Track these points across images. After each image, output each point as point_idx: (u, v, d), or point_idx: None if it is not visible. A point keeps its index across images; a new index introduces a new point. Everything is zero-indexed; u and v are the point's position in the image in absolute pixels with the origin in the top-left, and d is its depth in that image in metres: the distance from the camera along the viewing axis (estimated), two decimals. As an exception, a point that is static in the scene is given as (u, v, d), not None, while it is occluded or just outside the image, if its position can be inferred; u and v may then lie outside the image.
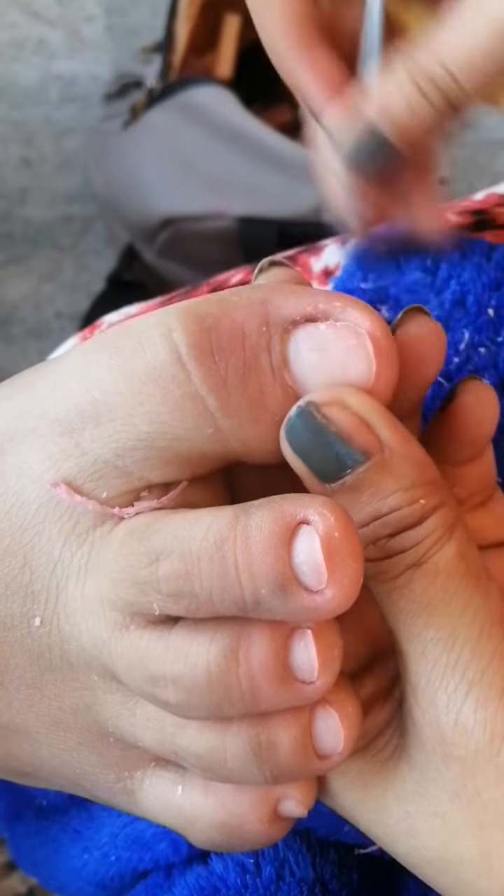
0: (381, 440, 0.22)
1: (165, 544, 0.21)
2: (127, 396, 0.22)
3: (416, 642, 0.22)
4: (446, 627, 0.22)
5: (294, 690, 0.21)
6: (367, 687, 0.25)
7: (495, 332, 0.33)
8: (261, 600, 0.20)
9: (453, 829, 0.22)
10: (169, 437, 0.22)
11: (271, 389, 0.22)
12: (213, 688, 0.21)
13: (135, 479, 0.23)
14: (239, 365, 0.22)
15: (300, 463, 0.22)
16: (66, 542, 0.23)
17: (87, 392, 0.23)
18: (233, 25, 1.10)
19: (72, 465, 0.23)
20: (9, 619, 0.23)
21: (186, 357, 0.22)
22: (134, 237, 1.06)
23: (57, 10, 1.32)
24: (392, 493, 0.22)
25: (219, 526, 0.21)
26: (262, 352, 0.22)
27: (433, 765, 0.23)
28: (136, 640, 0.22)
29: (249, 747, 0.22)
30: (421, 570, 0.22)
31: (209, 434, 0.22)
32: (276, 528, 0.20)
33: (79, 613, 0.23)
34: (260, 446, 0.23)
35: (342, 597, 0.20)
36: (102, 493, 0.23)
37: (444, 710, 0.22)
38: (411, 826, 0.23)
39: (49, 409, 0.23)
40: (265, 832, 0.24)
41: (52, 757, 0.25)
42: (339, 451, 0.22)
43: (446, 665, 0.22)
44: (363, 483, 0.22)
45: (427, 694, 0.22)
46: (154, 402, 0.22)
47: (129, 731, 0.24)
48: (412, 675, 0.23)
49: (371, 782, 0.24)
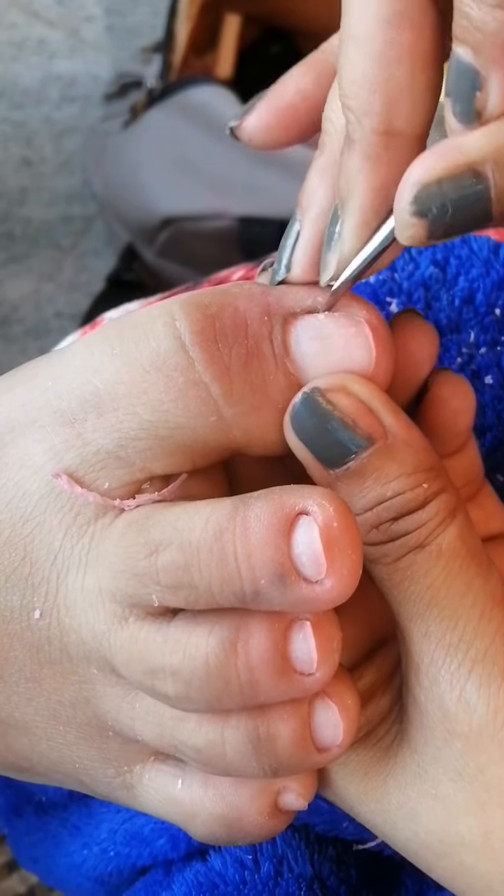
0: (384, 426, 0.23)
1: (165, 535, 0.22)
2: (130, 385, 0.22)
3: (420, 622, 0.23)
4: (449, 607, 0.22)
5: (293, 682, 0.21)
6: (367, 677, 0.25)
7: (499, 332, 0.33)
8: (260, 591, 0.21)
9: (454, 811, 0.22)
10: (172, 425, 0.22)
11: (273, 377, 0.23)
12: (211, 679, 0.21)
13: (137, 470, 0.23)
14: (242, 353, 0.23)
15: (304, 450, 0.23)
16: (67, 534, 0.23)
17: (89, 382, 0.23)
18: (233, 25, 1.10)
19: (73, 455, 0.23)
20: (8, 612, 0.24)
21: (190, 344, 0.22)
22: (134, 237, 1.06)
23: (57, 10, 1.32)
24: (395, 478, 0.23)
25: (218, 517, 0.21)
26: (264, 340, 0.23)
27: (435, 744, 0.23)
28: (136, 632, 0.22)
29: (248, 740, 0.22)
30: (424, 552, 0.23)
31: (212, 422, 0.22)
32: (275, 518, 0.21)
33: (78, 605, 0.23)
34: (261, 436, 0.23)
35: (341, 587, 0.20)
36: (104, 483, 0.23)
37: (448, 688, 0.22)
38: (412, 810, 0.23)
39: (51, 399, 0.23)
40: (265, 825, 0.24)
41: (51, 751, 0.25)
42: (344, 436, 0.22)
43: (449, 644, 0.22)
44: (367, 468, 0.22)
45: (430, 672, 0.22)
46: (157, 391, 0.22)
47: (129, 725, 0.24)
48: (415, 655, 0.23)
49: (372, 771, 0.24)
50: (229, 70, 1.10)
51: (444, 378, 0.26)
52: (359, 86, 0.21)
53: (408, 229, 0.20)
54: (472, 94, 0.20)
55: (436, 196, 0.20)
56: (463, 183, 0.20)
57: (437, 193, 0.20)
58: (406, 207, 0.20)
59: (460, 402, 0.26)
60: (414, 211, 0.20)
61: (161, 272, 1.05)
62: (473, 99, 0.20)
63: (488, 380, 0.33)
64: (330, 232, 0.23)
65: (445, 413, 0.26)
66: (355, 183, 0.22)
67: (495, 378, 0.33)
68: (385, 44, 0.21)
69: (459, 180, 0.20)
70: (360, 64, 0.21)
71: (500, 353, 0.33)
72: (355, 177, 0.22)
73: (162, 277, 1.05)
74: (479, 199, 0.20)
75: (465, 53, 0.20)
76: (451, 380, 0.26)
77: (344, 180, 0.22)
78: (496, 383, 0.33)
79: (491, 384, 0.33)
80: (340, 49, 0.22)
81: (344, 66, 0.21)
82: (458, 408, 0.26)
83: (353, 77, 0.21)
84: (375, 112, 0.21)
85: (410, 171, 0.20)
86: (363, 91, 0.21)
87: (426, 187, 0.20)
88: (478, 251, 0.34)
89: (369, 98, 0.21)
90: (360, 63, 0.21)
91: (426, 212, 0.20)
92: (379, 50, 0.21)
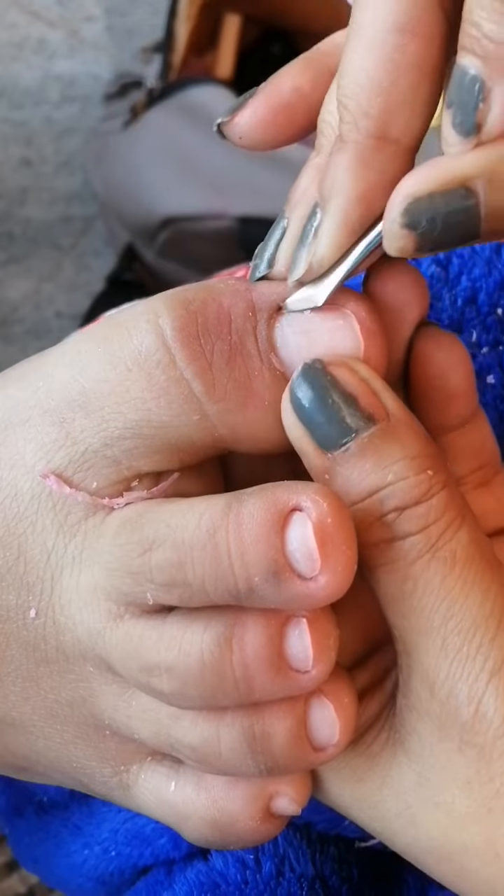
0: (385, 407, 0.22)
1: (158, 533, 0.21)
2: (114, 384, 0.22)
3: (435, 635, 0.22)
4: (467, 619, 0.21)
5: (289, 679, 0.21)
6: (360, 681, 0.25)
7: (501, 332, 0.33)
8: (254, 588, 0.20)
9: (458, 818, 0.22)
10: (155, 424, 0.22)
11: (259, 373, 0.22)
12: (206, 676, 0.21)
13: (124, 469, 0.23)
14: (225, 349, 0.22)
15: (301, 430, 0.22)
16: (60, 533, 0.23)
17: (76, 381, 0.23)
18: (233, 25, 1.10)
19: (63, 455, 0.23)
20: (4, 612, 0.24)
21: (171, 340, 0.22)
22: (134, 237, 1.06)
23: (57, 10, 1.32)
24: (398, 461, 0.22)
25: (211, 514, 0.21)
26: (248, 336, 0.23)
27: (445, 755, 0.22)
28: (131, 630, 0.22)
29: (243, 738, 0.22)
30: (437, 560, 0.21)
31: (195, 421, 0.22)
32: (268, 515, 0.20)
33: (73, 604, 0.23)
34: (249, 433, 0.23)
35: (336, 584, 0.20)
36: (92, 483, 0.23)
37: (465, 701, 0.21)
38: (412, 817, 0.23)
39: (41, 398, 0.23)
40: (257, 830, 0.24)
41: (48, 750, 0.25)
42: (344, 413, 0.22)
43: (467, 656, 0.21)
44: (367, 449, 0.21)
45: (446, 686, 0.22)
46: (140, 389, 0.22)
47: (125, 724, 0.24)
48: (429, 668, 0.22)
49: (365, 777, 0.24)
50: (229, 70, 1.10)
51: (426, 332, 0.25)
52: (361, 87, 0.21)
53: (397, 241, 0.20)
54: (474, 106, 0.20)
55: (426, 209, 0.20)
56: (453, 198, 0.20)
57: (428, 207, 0.20)
58: (396, 219, 0.20)
59: (446, 355, 0.25)
60: (404, 223, 0.20)
61: (161, 272, 1.05)
62: (476, 111, 0.20)
63: (490, 379, 0.33)
64: (307, 228, 0.23)
65: (433, 371, 0.25)
66: (341, 183, 0.22)
67: (497, 378, 0.33)
68: (394, 49, 0.21)
69: (450, 195, 0.20)
70: (365, 66, 0.21)
71: (502, 352, 0.33)
72: (342, 177, 0.22)
73: (162, 277, 1.05)
74: (468, 215, 0.20)
75: (471, 64, 0.20)
76: (435, 333, 0.25)
77: (329, 178, 0.22)
78: (498, 383, 0.33)
79: (493, 384, 0.33)
80: (346, 48, 0.22)
81: (347, 66, 0.21)
82: (445, 364, 0.25)
83: (356, 77, 0.21)
84: (374, 116, 0.21)
85: (403, 182, 0.20)
86: (365, 93, 0.21)
87: (417, 200, 0.20)
88: (480, 251, 0.34)
89: (370, 101, 0.21)
90: (366, 65, 0.21)
91: (416, 225, 0.20)
92: (387, 55, 0.21)
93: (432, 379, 0.25)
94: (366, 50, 0.21)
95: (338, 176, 0.22)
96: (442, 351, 0.25)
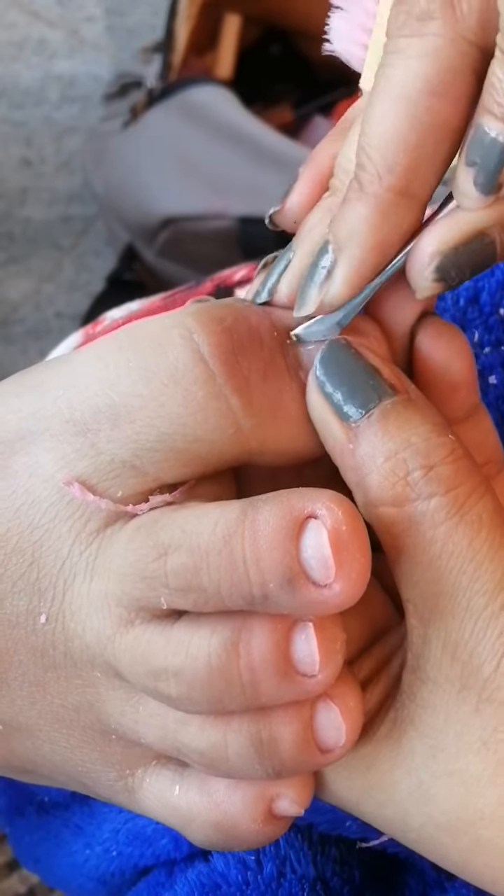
0: (405, 384, 0.23)
1: (174, 539, 0.22)
2: (147, 399, 0.23)
3: (461, 596, 0.22)
4: (493, 580, 0.22)
5: (295, 684, 0.21)
6: (364, 669, 0.25)
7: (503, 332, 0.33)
8: (269, 594, 0.21)
9: (473, 783, 0.22)
10: (190, 438, 0.23)
11: (289, 388, 0.23)
12: (213, 680, 0.21)
13: (150, 480, 0.23)
14: (260, 365, 0.23)
15: (324, 404, 0.23)
16: (76, 541, 0.23)
17: (104, 394, 0.23)
18: (233, 25, 1.10)
19: (86, 464, 0.23)
20: (14, 617, 0.24)
21: (209, 357, 0.22)
22: (134, 237, 1.06)
23: (57, 10, 1.32)
24: (421, 425, 0.22)
25: (227, 520, 0.21)
26: (278, 353, 0.24)
27: (460, 720, 0.22)
28: (140, 635, 0.22)
29: (251, 743, 0.22)
30: (465, 522, 0.22)
31: (230, 434, 0.23)
32: (283, 522, 0.21)
33: (84, 610, 0.23)
34: (275, 446, 0.23)
35: (350, 591, 0.20)
36: (117, 492, 0.23)
37: (489, 657, 0.22)
38: (425, 793, 0.23)
39: (62, 408, 0.23)
40: (261, 831, 0.24)
41: (53, 754, 0.25)
42: (369, 382, 0.23)
43: (492, 615, 0.22)
44: (391, 414, 0.22)
45: (469, 645, 0.22)
46: (175, 404, 0.22)
47: (132, 729, 0.24)
48: (452, 630, 0.22)
49: (375, 763, 0.24)
50: (229, 70, 1.10)
51: (428, 323, 0.25)
52: (387, 142, 0.22)
53: (428, 291, 0.23)
54: (496, 168, 0.21)
55: (453, 262, 0.22)
56: (475, 246, 0.22)
57: (454, 260, 0.22)
58: (428, 276, 0.23)
59: (448, 345, 0.25)
60: (436, 277, 0.23)
61: (161, 272, 1.05)
62: (498, 173, 0.21)
63: (492, 379, 0.33)
64: (315, 265, 0.24)
65: (435, 361, 0.25)
66: (358, 233, 0.23)
67: (499, 378, 0.33)
68: (425, 110, 0.22)
69: (472, 244, 0.22)
70: (394, 121, 0.22)
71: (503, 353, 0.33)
72: (359, 226, 0.23)
73: (162, 277, 1.05)
74: (487, 255, 0.23)
75: (494, 128, 0.21)
76: (437, 323, 0.25)
77: (345, 225, 0.23)
78: (500, 383, 0.33)
79: (495, 384, 0.33)
80: (374, 100, 0.22)
81: (375, 119, 0.22)
82: (445, 355, 0.25)
83: (382, 131, 0.22)
84: (398, 173, 0.22)
85: (426, 240, 0.23)
86: (391, 148, 0.22)
87: (445, 255, 0.22)
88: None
89: (396, 157, 0.22)
90: (395, 121, 0.22)
91: (447, 277, 0.23)
92: (417, 115, 0.22)
93: (435, 369, 0.26)
94: (395, 105, 0.22)
95: (354, 224, 0.23)
96: (443, 340, 0.25)
